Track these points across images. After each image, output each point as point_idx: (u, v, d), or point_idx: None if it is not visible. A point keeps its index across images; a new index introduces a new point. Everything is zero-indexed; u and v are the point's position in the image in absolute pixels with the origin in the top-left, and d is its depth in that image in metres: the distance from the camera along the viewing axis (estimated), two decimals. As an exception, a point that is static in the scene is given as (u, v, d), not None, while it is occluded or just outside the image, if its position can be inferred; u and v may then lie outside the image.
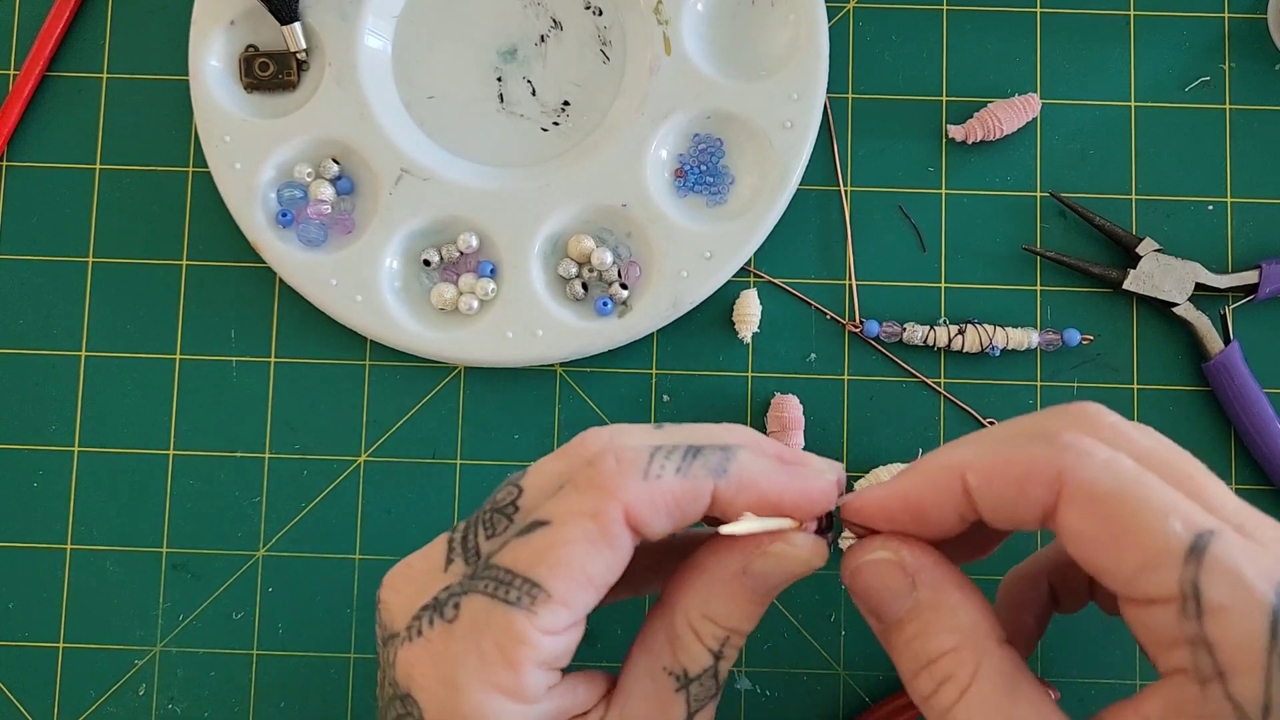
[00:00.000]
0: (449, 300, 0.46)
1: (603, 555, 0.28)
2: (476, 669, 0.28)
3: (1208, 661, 0.25)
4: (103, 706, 0.45)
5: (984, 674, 0.28)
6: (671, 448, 0.29)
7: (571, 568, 0.28)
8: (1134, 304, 0.47)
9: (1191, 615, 0.25)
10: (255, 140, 0.46)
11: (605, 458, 0.29)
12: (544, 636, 0.28)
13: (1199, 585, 0.25)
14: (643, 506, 0.28)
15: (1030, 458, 0.28)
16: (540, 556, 0.28)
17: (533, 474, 0.30)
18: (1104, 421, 0.29)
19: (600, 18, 0.48)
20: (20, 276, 0.47)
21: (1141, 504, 0.26)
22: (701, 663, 0.31)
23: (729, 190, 0.47)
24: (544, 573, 0.28)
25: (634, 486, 0.28)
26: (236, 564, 0.46)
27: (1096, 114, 0.48)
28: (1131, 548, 0.26)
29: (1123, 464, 0.27)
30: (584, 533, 0.28)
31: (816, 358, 0.47)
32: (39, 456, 0.47)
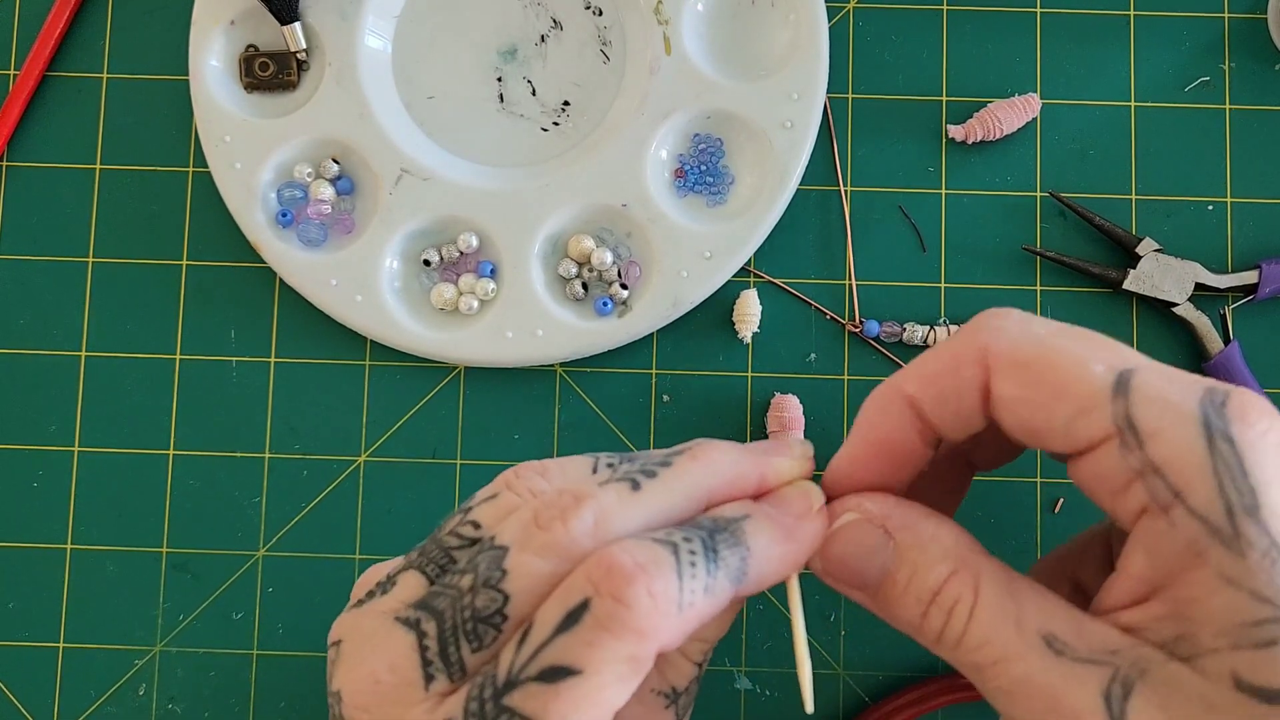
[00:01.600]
0: (449, 300, 0.46)
1: (630, 691, 0.27)
2: None
3: (1161, 485, 0.26)
4: (103, 706, 0.45)
5: (985, 586, 0.28)
6: (690, 552, 0.27)
7: (603, 711, 0.26)
8: (1134, 304, 0.47)
9: (1133, 445, 0.26)
10: (255, 140, 0.46)
11: (637, 594, 0.26)
12: None
13: (1131, 416, 0.26)
14: (674, 639, 0.27)
15: (955, 347, 0.29)
16: (575, 710, 0.26)
17: (518, 578, 0.27)
18: (1010, 310, 0.30)
19: (600, 18, 0.48)
20: (20, 276, 0.47)
21: (1062, 356, 0.27)
22: (689, 676, 0.31)
23: (729, 190, 0.47)
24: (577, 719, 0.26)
25: (670, 625, 0.26)
26: (236, 564, 0.46)
27: (1096, 114, 0.48)
28: (1062, 399, 0.27)
29: (1037, 328, 0.28)
30: (618, 679, 0.26)
31: (816, 358, 0.47)
32: (39, 456, 0.47)
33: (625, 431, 0.46)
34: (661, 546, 0.27)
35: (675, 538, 0.27)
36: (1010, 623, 0.27)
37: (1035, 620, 0.27)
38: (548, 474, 0.30)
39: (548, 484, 0.30)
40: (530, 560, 0.27)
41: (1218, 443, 0.25)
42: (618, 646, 0.26)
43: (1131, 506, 0.26)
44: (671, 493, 0.29)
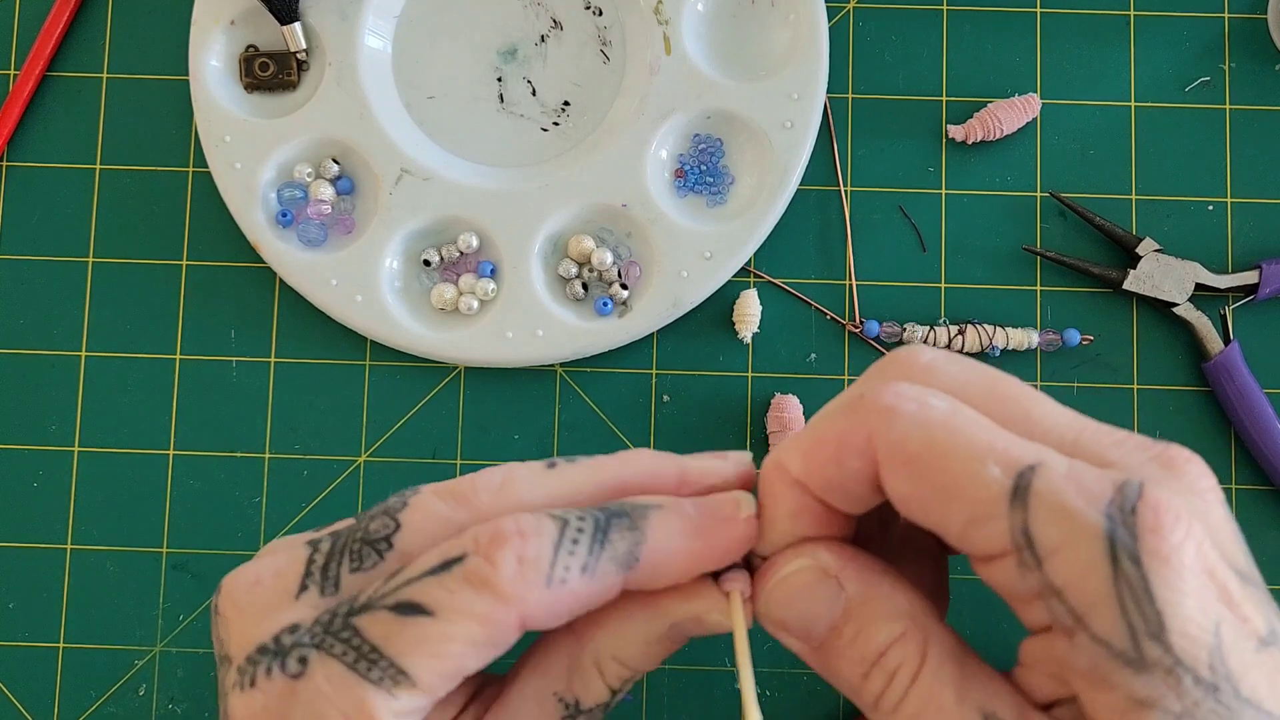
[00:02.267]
0: (449, 300, 0.46)
1: (481, 655, 0.26)
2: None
3: (1062, 610, 0.24)
4: (103, 706, 0.45)
5: (932, 652, 0.26)
6: (578, 530, 0.27)
7: (446, 664, 0.26)
8: (1134, 304, 0.47)
9: (1031, 565, 0.24)
10: (255, 140, 0.46)
11: (505, 556, 0.26)
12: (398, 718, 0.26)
13: (1029, 531, 0.24)
14: (540, 613, 0.26)
15: (839, 431, 0.26)
16: (415, 647, 0.26)
17: (415, 510, 0.28)
18: (917, 364, 0.27)
19: (600, 18, 0.48)
20: (20, 276, 0.47)
21: (955, 453, 0.24)
22: (598, 698, 0.29)
23: (729, 190, 0.47)
24: (413, 663, 0.26)
25: (534, 595, 0.26)
26: (236, 564, 0.46)
27: (1096, 114, 0.48)
28: (955, 503, 0.25)
29: (931, 411, 0.25)
30: (468, 634, 0.26)
31: (816, 358, 0.47)
32: (39, 456, 0.47)
33: (625, 431, 0.46)
34: (550, 520, 0.27)
35: (569, 515, 0.27)
36: (951, 694, 0.25)
37: (978, 697, 0.26)
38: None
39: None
40: (431, 500, 0.28)
41: (1123, 564, 0.23)
42: (474, 601, 0.26)
43: (1036, 620, 0.25)
44: (582, 473, 0.29)
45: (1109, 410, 0.46)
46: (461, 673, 0.27)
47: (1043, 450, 0.25)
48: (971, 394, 0.26)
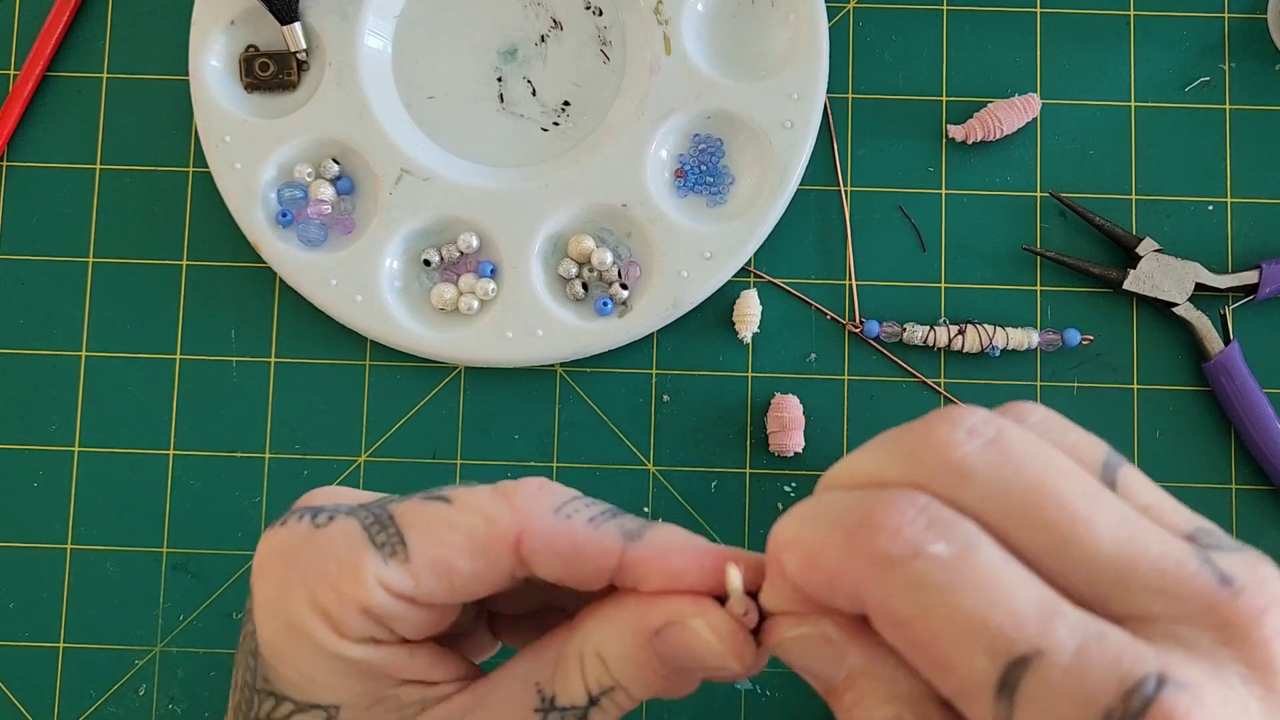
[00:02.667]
0: (449, 300, 0.46)
1: (475, 560, 0.27)
2: (310, 578, 0.27)
3: None
4: (103, 706, 0.45)
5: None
6: (599, 504, 0.28)
7: (440, 550, 0.27)
8: (1134, 304, 0.47)
9: None
10: (255, 140, 0.46)
11: (531, 480, 0.29)
12: (379, 589, 0.27)
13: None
14: (539, 540, 0.27)
15: (831, 564, 0.24)
16: (421, 522, 0.28)
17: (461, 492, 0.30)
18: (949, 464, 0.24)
19: (600, 18, 0.48)
20: (20, 276, 0.47)
21: (946, 628, 0.22)
22: (573, 697, 0.28)
23: (729, 190, 0.47)
24: (414, 537, 0.27)
25: (540, 515, 0.27)
26: (236, 564, 0.46)
27: (1096, 114, 0.48)
28: (942, 675, 0.23)
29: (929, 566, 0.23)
30: (470, 526, 0.27)
31: (816, 358, 0.47)
32: (39, 456, 0.47)
33: (625, 431, 0.46)
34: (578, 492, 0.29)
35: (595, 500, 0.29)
36: None
37: None
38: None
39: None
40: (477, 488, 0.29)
41: None
42: (488, 500, 0.28)
43: None
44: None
45: (1109, 410, 0.46)
46: (450, 569, 0.27)
47: (1048, 628, 0.22)
48: (1005, 514, 0.23)
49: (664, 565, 0.27)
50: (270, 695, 0.28)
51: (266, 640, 0.28)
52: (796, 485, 0.46)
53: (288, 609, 0.27)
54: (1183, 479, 0.46)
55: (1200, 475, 0.46)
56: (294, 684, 0.28)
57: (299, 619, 0.27)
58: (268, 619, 0.28)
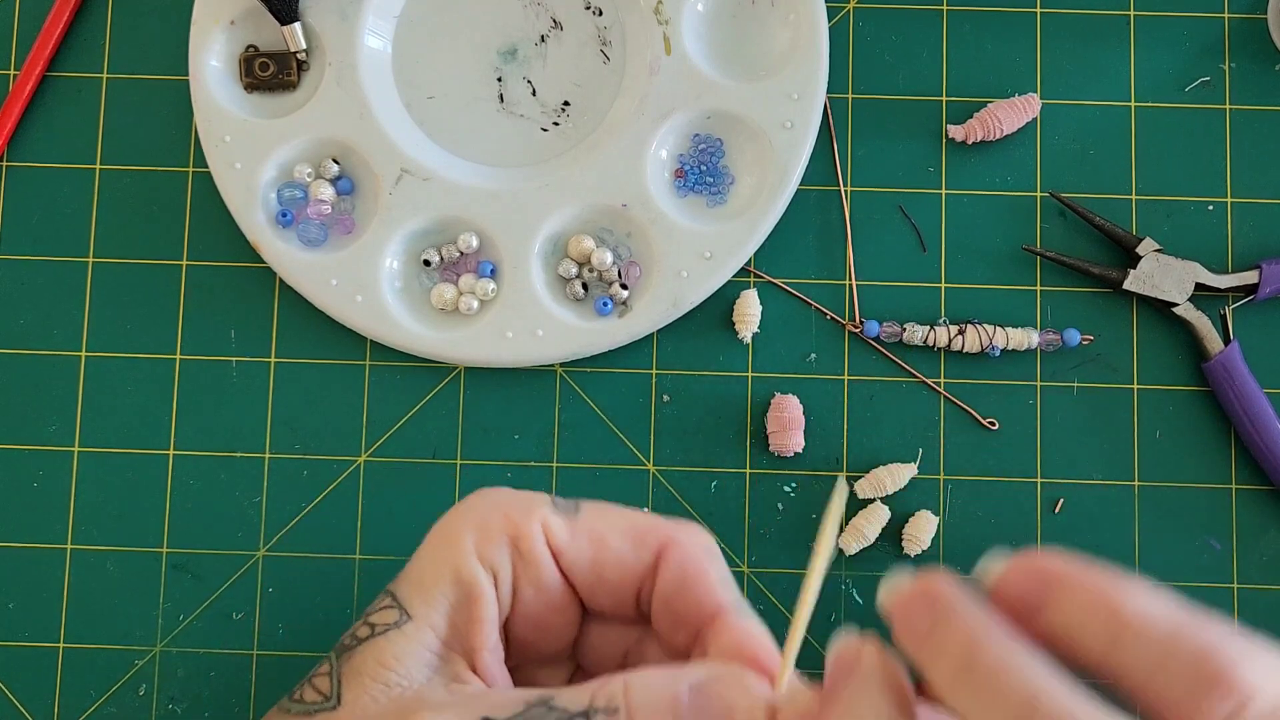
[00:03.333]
0: (449, 300, 0.46)
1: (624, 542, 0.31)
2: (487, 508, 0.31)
3: None
4: (103, 706, 0.45)
5: None
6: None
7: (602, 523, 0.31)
8: (1134, 304, 0.47)
9: None
10: (255, 140, 0.46)
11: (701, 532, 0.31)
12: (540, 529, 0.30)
13: None
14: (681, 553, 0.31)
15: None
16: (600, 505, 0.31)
17: None
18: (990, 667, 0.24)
19: (600, 18, 0.48)
20: (20, 276, 0.47)
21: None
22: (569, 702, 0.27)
23: (729, 190, 0.47)
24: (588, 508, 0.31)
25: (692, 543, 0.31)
26: (236, 564, 0.46)
27: (1096, 114, 0.48)
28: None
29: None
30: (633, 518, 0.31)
31: (816, 358, 0.47)
32: (39, 456, 0.47)
33: (625, 432, 0.46)
34: None
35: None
36: None
37: None
38: None
39: None
40: None
41: None
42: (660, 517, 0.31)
43: None
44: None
45: (1109, 410, 0.46)
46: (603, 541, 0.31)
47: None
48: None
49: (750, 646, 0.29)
50: (385, 591, 0.31)
51: (422, 545, 0.31)
52: (796, 485, 0.46)
53: (453, 521, 0.30)
54: (1183, 479, 0.46)
55: (1200, 475, 0.46)
56: (406, 581, 0.30)
57: (456, 528, 0.30)
58: (435, 528, 0.31)
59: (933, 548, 0.45)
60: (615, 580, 0.31)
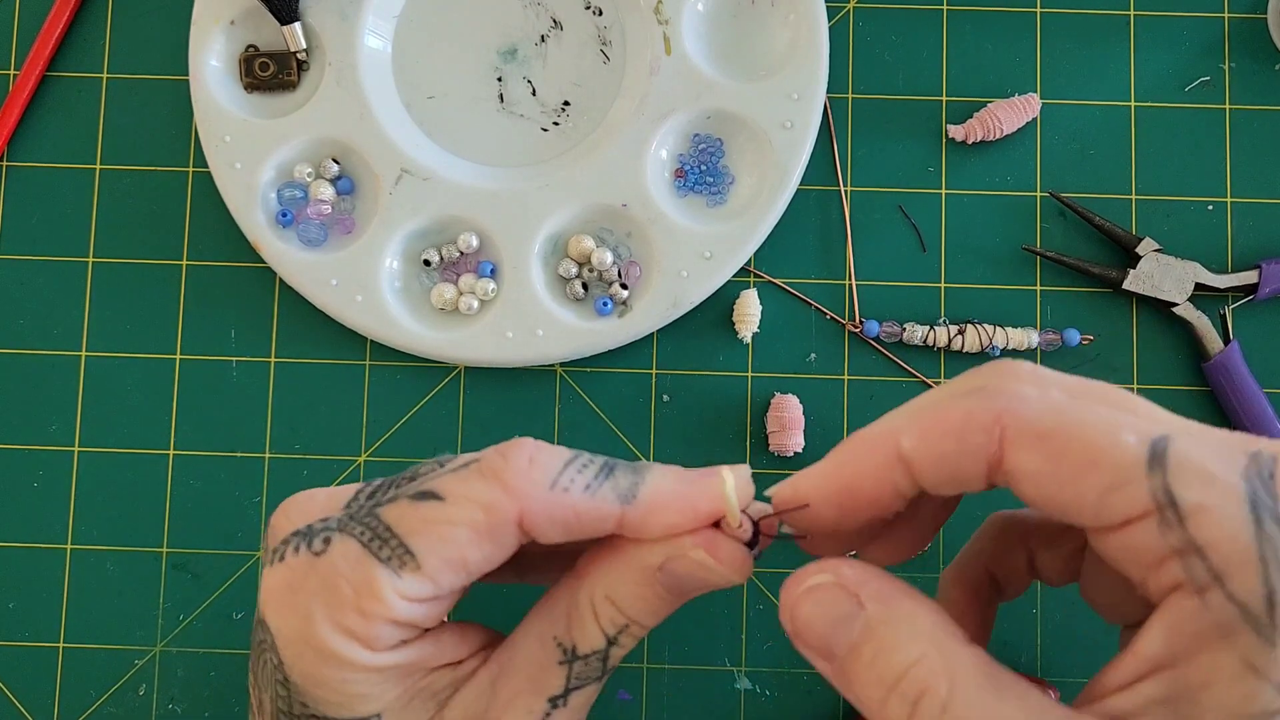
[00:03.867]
0: (449, 300, 0.46)
1: (483, 548, 0.28)
2: (330, 606, 0.28)
3: (1201, 567, 0.24)
4: (103, 706, 0.45)
5: (961, 678, 0.25)
6: (589, 460, 0.29)
7: (448, 549, 0.28)
8: (1134, 304, 0.47)
9: (1173, 523, 0.24)
10: (255, 140, 0.46)
11: (519, 452, 0.29)
12: (401, 600, 0.28)
13: (1171, 490, 0.24)
14: (539, 516, 0.28)
15: (965, 408, 0.27)
16: (422, 527, 0.28)
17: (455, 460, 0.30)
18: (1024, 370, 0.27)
19: (600, 18, 0.48)
20: (20, 276, 0.47)
21: (1088, 428, 0.25)
22: (593, 643, 0.30)
23: (729, 190, 0.47)
24: (420, 544, 0.28)
25: (537, 493, 0.28)
26: (236, 564, 0.46)
27: (1096, 114, 0.48)
28: (1091, 473, 0.25)
29: (1056, 397, 0.26)
30: (471, 520, 0.28)
31: (816, 358, 0.47)
32: (39, 456, 0.47)
33: (625, 431, 0.46)
34: (563, 448, 0.30)
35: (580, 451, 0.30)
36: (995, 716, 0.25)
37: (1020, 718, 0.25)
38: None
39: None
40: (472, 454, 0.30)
41: (1266, 524, 0.23)
42: (481, 488, 0.28)
43: (1164, 582, 0.25)
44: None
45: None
46: (463, 563, 0.28)
47: (1171, 425, 0.26)
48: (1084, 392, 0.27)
49: (660, 522, 0.29)
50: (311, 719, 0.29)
51: (300, 671, 0.28)
52: (796, 485, 0.46)
53: (315, 639, 0.28)
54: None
55: (1200, 475, 0.46)
56: (335, 704, 0.29)
57: (329, 645, 0.28)
58: (296, 652, 0.28)
59: (934, 547, 0.45)
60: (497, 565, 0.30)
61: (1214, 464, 0.24)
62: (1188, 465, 0.24)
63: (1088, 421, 0.25)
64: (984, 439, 0.26)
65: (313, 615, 0.28)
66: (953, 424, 0.27)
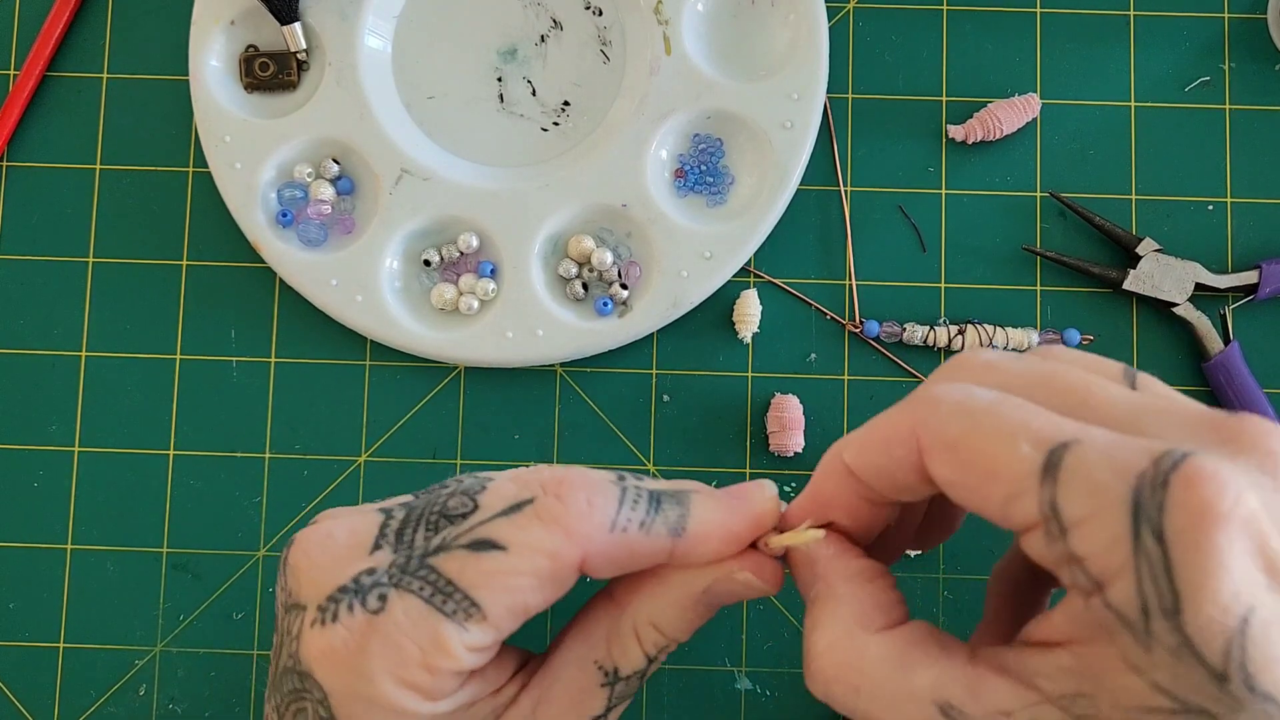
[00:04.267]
0: (449, 300, 0.46)
1: (544, 592, 0.29)
2: (393, 665, 0.28)
3: (1082, 577, 0.25)
4: (103, 706, 0.45)
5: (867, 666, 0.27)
6: (636, 494, 0.29)
7: (514, 598, 0.28)
8: (1134, 304, 0.47)
9: (1056, 536, 0.25)
10: (255, 140, 0.46)
11: (576, 494, 0.29)
12: (469, 652, 0.28)
13: (1057, 504, 0.24)
14: (599, 558, 0.29)
15: (891, 420, 0.27)
16: (486, 580, 0.28)
17: (492, 494, 0.30)
18: (974, 362, 0.28)
19: (600, 18, 0.48)
20: (20, 276, 0.47)
21: (991, 436, 0.25)
22: (635, 665, 0.31)
23: (729, 190, 0.47)
24: (485, 596, 0.28)
25: (599, 536, 0.29)
26: (236, 564, 0.46)
27: (1096, 114, 0.48)
28: (992, 483, 0.25)
29: (974, 400, 0.26)
30: (535, 570, 0.28)
31: (816, 358, 0.47)
32: (39, 456, 0.47)
33: (625, 431, 0.46)
34: (611, 480, 0.30)
35: (626, 478, 0.30)
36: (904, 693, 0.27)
37: (929, 690, 0.26)
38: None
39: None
40: (507, 485, 0.30)
41: (1144, 540, 0.23)
42: (544, 536, 0.28)
43: (1065, 580, 0.26)
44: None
45: (1109, 410, 0.46)
46: (526, 609, 0.29)
47: (1085, 429, 0.25)
48: (1027, 386, 0.27)
49: (708, 550, 0.30)
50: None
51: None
52: (797, 485, 0.46)
53: (378, 695, 0.28)
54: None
55: (1200, 475, 0.46)
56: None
57: (392, 700, 0.28)
58: (355, 709, 0.28)
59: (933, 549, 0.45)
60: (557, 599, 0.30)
61: (1105, 474, 0.24)
62: (1078, 476, 0.24)
63: (993, 430, 0.25)
64: (905, 451, 0.27)
65: (374, 675, 0.28)
66: (879, 437, 0.28)
